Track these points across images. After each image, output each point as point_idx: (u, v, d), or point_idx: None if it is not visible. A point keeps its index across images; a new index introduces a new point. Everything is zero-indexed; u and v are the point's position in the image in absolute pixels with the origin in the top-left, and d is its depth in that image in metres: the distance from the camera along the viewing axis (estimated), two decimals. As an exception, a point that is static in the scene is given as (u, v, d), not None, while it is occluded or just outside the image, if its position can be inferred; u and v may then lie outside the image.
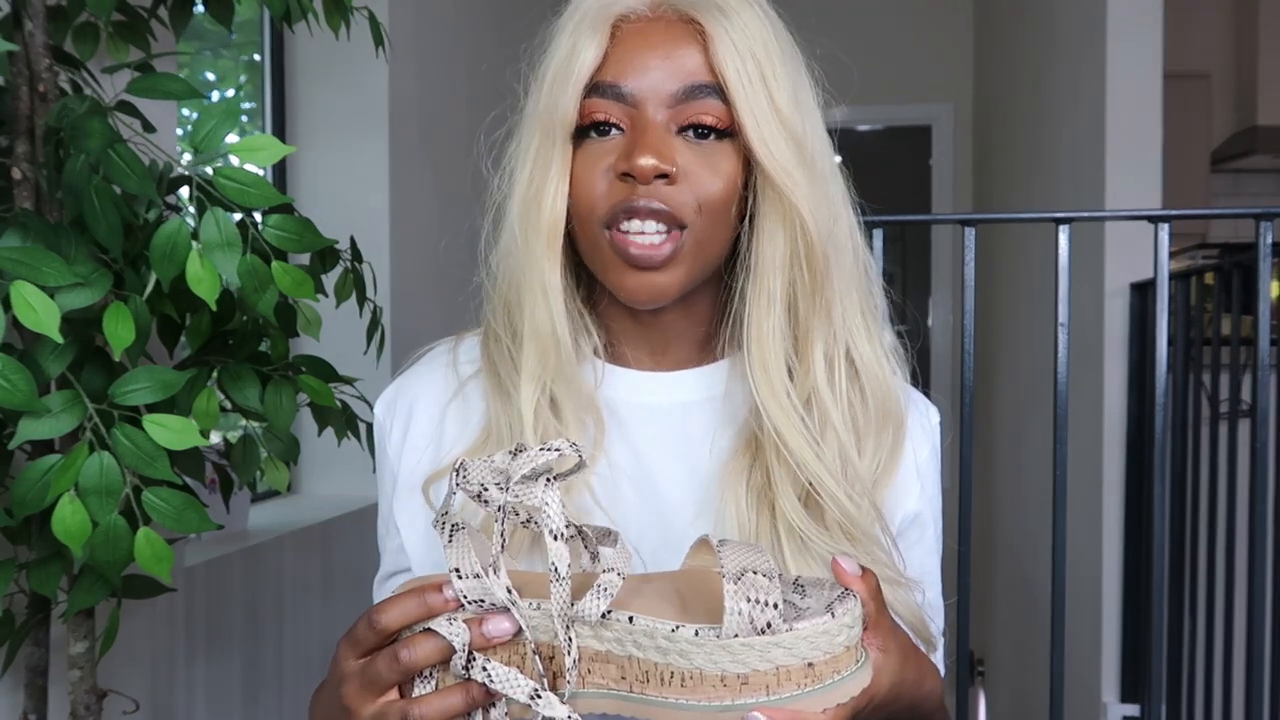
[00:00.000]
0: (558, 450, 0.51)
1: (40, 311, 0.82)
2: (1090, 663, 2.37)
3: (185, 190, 1.09)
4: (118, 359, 0.91)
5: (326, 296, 1.21)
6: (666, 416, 0.70)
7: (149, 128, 1.03)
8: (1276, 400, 1.87)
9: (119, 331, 0.90)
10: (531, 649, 0.52)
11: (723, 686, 0.49)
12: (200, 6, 1.17)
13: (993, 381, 3.59)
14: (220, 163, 0.93)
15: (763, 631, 0.48)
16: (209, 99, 1.84)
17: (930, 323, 4.27)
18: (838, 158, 0.70)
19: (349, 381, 1.24)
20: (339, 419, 1.22)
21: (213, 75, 2.13)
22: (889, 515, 0.70)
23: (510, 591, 0.52)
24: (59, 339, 0.83)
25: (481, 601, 0.52)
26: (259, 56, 2.08)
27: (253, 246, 0.95)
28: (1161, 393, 1.57)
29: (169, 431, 0.90)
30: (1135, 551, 2.27)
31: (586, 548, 0.55)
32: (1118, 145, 2.34)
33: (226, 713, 1.58)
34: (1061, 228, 1.55)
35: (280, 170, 2.08)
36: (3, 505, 0.93)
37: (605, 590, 0.50)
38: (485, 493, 0.52)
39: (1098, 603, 2.33)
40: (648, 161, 0.61)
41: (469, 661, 0.52)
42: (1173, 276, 2.06)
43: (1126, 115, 2.33)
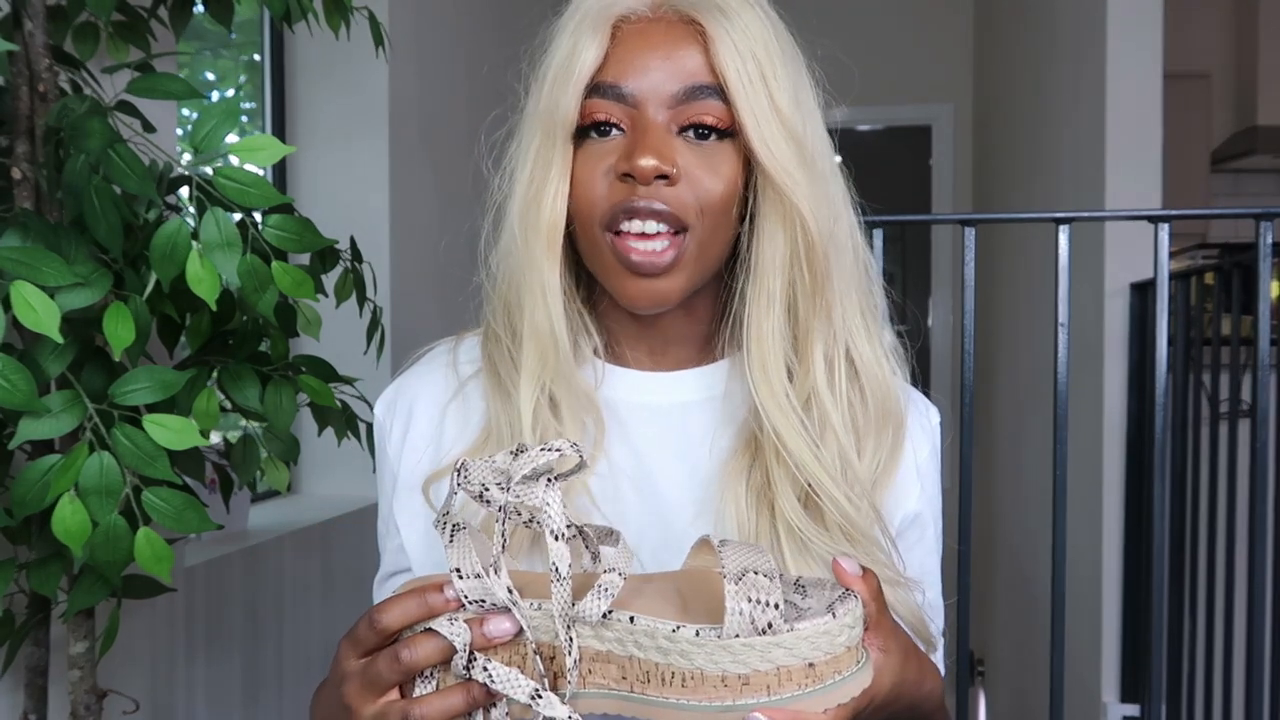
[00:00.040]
0: (559, 450, 0.51)
1: (40, 311, 0.82)
2: (1090, 663, 2.37)
3: (185, 190, 1.09)
4: (118, 359, 0.91)
5: (326, 296, 1.21)
6: (666, 416, 0.70)
7: (149, 128, 1.03)
8: (1276, 400, 1.87)
9: (119, 331, 0.90)
10: (532, 649, 0.52)
11: (724, 687, 0.49)
12: (200, 6, 1.17)
13: (993, 381, 3.59)
14: (220, 163, 0.93)
15: (764, 632, 0.48)
16: (209, 99, 1.84)
17: (930, 323, 4.27)
18: (838, 158, 0.70)
19: (349, 381, 1.24)
20: (339, 419, 1.22)
21: (213, 75, 2.13)
22: (889, 515, 0.70)
23: (511, 591, 0.52)
24: (59, 339, 0.83)
25: (482, 601, 0.52)
26: (259, 56, 2.08)
27: (253, 246, 0.95)
28: (1161, 393, 1.57)
29: (169, 431, 0.90)
30: (1135, 551, 2.27)
31: (587, 548, 0.55)
32: (1118, 145, 2.34)
33: (226, 713, 1.58)
34: (1061, 228, 1.55)
35: (280, 170, 2.08)
36: (3, 505, 0.93)
37: (606, 590, 0.50)
38: (486, 493, 0.52)
39: (1098, 603, 2.33)
40: (648, 162, 0.61)
41: (470, 661, 0.52)
42: (1173, 276, 2.06)
43: (1126, 115, 2.33)
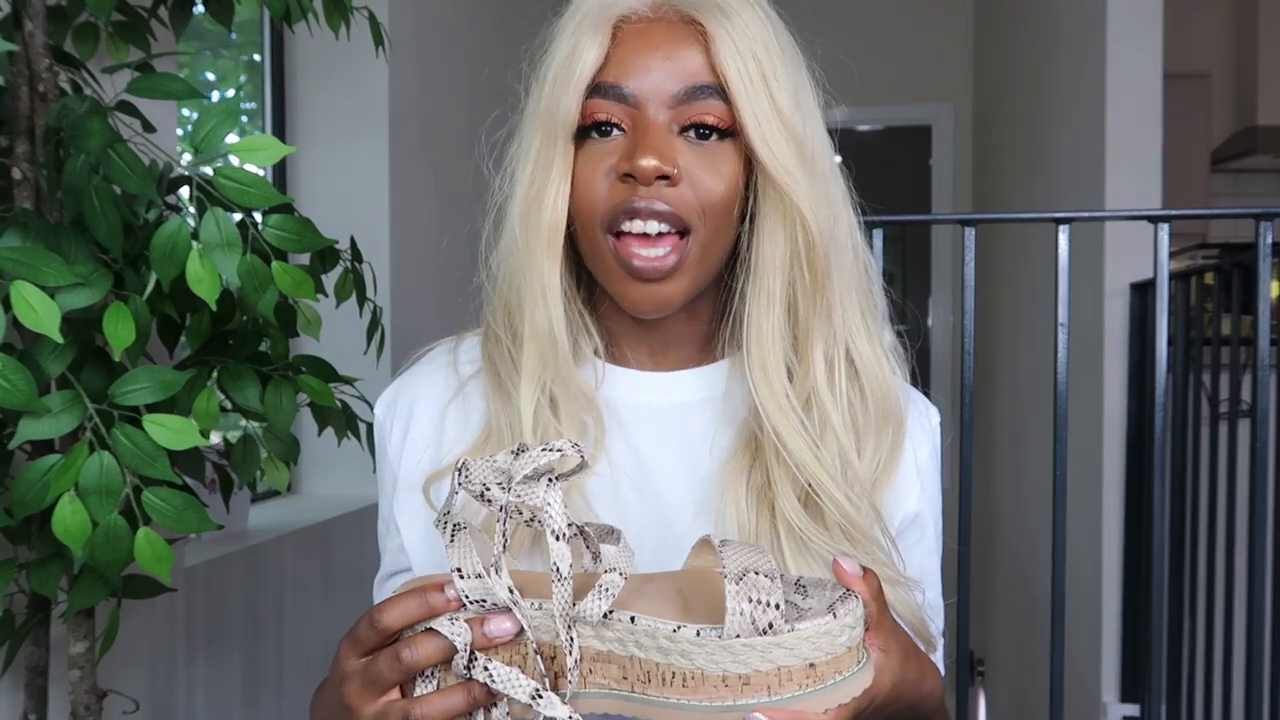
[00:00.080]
0: (560, 450, 0.51)
1: (40, 311, 0.82)
2: (1090, 663, 2.37)
3: (185, 190, 1.09)
4: (118, 359, 0.91)
5: (326, 296, 1.21)
6: (666, 417, 0.70)
7: (149, 128, 1.03)
8: (1276, 400, 1.87)
9: (119, 331, 0.90)
10: (533, 649, 0.52)
11: (724, 687, 0.49)
12: (200, 6, 1.17)
13: (993, 381, 3.59)
14: (220, 163, 0.93)
15: (764, 632, 0.48)
16: (209, 99, 1.84)
17: (930, 323, 4.27)
18: (838, 158, 0.70)
19: (349, 381, 1.24)
20: (339, 419, 1.22)
21: (213, 75, 2.12)
22: (889, 515, 0.70)
23: (512, 591, 0.52)
24: (59, 339, 0.83)
25: (483, 601, 0.52)
26: (259, 56, 2.08)
27: (253, 246, 0.95)
28: (1161, 393, 1.57)
29: (169, 431, 0.90)
30: (1135, 551, 2.27)
31: (588, 547, 0.55)
32: (1118, 145, 2.34)
33: (226, 713, 1.58)
34: (1061, 228, 1.55)
35: (280, 170, 2.08)
36: (3, 505, 0.93)
37: (607, 590, 0.50)
38: (487, 492, 0.52)
39: (1098, 603, 2.33)
40: (649, 162, 0.61)
41: (470, 661, 0.52)
42: (1173, 276, 2.06)
43: (1126, 115, 2.33)
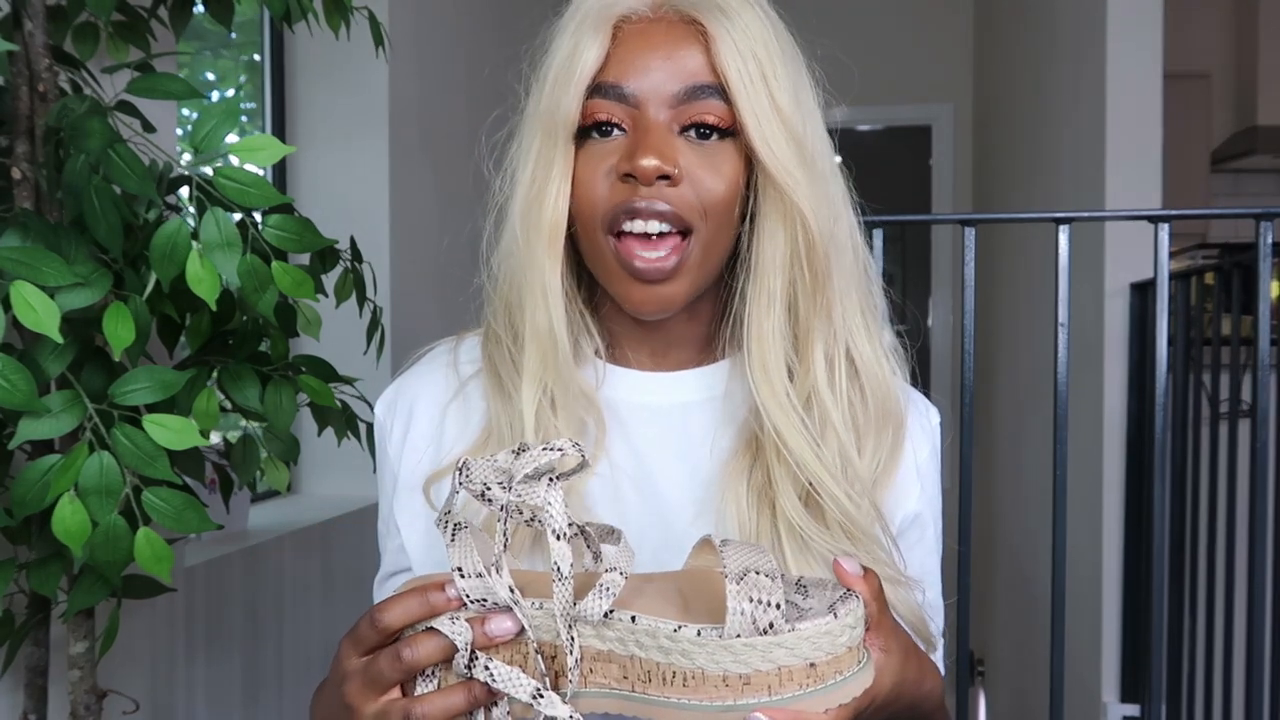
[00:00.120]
0: (560, 450, 0.51)
1: (40, 311, 0.82)
2: (1090, 663, 2.37)
3: (185, 190, 1.09)
4: (118, 359, 0.91)
5: (326, 296, 1.21)
6: (667, 417, 0.70)
7: (149, 128, 1.03)
8: (1276, 400, 1.87)
9: (119, 331, 0.90)
10: (534, 648, 0.52)
11: (725, 686, 0.49)
12: (200, 6, 1.17)
13: (993, 381, 3.59)
14: (220, 163, 0.93)
15: (765, 632, 0.48)
16: (209, 99, 1.84)
17: (930, 323, 4.27)
18: (838, 158, 0.70)
19: (349, 381, 1.24)
20: (339, 419, 1.22)
21: (213, 75, 2.12)
22: (889, 515, 0.70)
23: (513, 590, 0.52)
24: (59, 339, 0.83)
25: (484, 600, 0.52)
26: (259, 56, 2.08)
27: (253, 246, 0.95)
28: (1161, 393, 1.57)
29: (169, 431, 0.90)
30: (1135, 551, 2.27)
31: (589, 547, 0.55)
32: (1118, 145, 2.34)
33: (226, 713, 1.58)
34: (1061, 228, 1.55)
35: (280, 170, 2.08)
36: (3, 505, 0.92)
37: (608, 590, 0.50)
38: (488, 492, 0.52)
39: (1098, 603, 2.33)
40: (650, 162, 0.61)
41: (471, 660, 0.52)
42: (1173, 276, 2.06)
43: (1126, 115, 2.33)
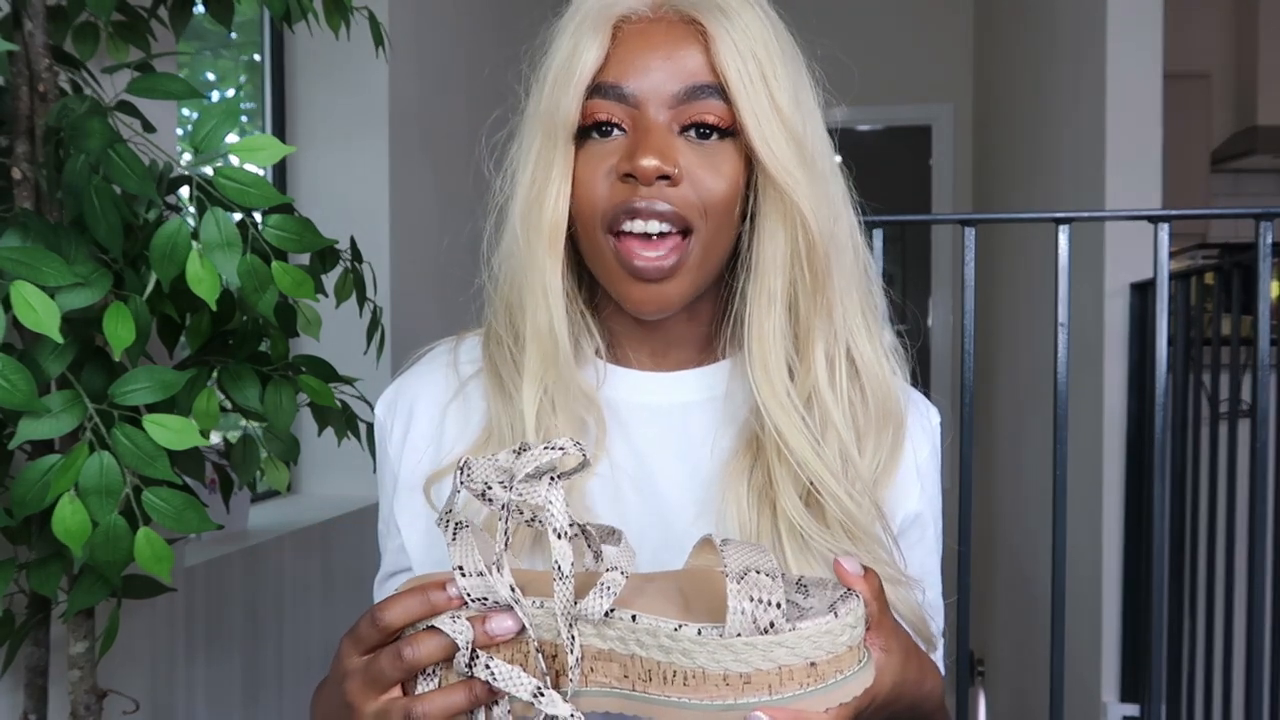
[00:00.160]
0: (561, 449, 0.51)
1: (40, 311, 0.82)
2: (1090, 663, 2.37)
3: (185, 190, 1.09)
4: (118, 359, 0.91)
5: (326, 296, 1.21)
6: (667, 417, 0.70)
7: (149, 128, 1.03)
8: (1276, 400, 1.87)
9: (119, 331, 0.90)
10: (535, 647, 0.52)
11: (725, 686, 0.49)
12: (200, 6, 1.17)
13: (993, 381, 3.59)
14: (220, 163, 0.93)
15: (765, 631, 0.48)
16: (209, 99, 1.84)
17: (930, 323, 4.27)
18: (838, 158, 0.70)
19: (349, 381, 1.24)
20: (339, 419, 1.22)
21: (213, 75, 2.12)
22: (889, 515, 0.70)
23: (514, 589, 0.52)
24: (59, 339, 0.83)
25: (485, 599, 0.52)
26: (259, 56, 2.08)
27: (253, 246, 0.95)
28: (1161, 393, 1.57)
29: (169, 431, 0.90)
30: (1135, 551, 2.27)
31: (590, 546, 0.55)
32: (1118, 145, 2.34)
33: (226, 713, 1.58)
34: (1061, 228, 1.55)
35: (280, 170, 2.08)
36: (3, 505, 0.92)
37: (608, 589, 0.50)
38: (489, 491, 0.52)
39: (1098, 603, 2.33)
40: (650, 162, 0.61)
41: (472, 659, 0.52)
42: (1173, 276, 2.06)
43: (1126, 115, 2.33)
